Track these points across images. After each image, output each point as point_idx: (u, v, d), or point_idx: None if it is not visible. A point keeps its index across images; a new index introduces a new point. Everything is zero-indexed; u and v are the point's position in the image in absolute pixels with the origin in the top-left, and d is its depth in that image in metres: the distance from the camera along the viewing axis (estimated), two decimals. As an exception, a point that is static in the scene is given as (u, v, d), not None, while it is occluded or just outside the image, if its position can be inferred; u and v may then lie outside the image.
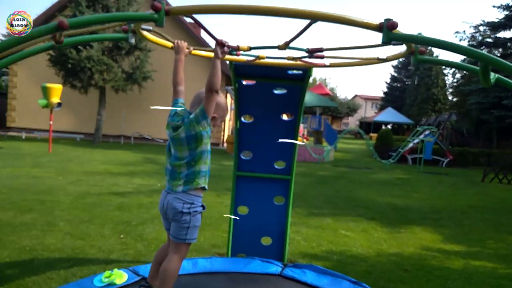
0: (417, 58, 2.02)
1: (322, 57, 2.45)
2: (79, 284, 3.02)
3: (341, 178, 11.21)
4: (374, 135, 27.02)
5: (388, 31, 1.63)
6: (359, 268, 4.21)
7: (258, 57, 2.77)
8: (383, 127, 33.39)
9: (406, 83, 42.38)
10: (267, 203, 3.98)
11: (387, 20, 1.63)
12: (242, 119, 3.86)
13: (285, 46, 2.20)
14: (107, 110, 17.02)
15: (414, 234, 5.70)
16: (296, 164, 4.07)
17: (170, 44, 2.50)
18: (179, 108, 2.28)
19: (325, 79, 54.24)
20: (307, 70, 3.18)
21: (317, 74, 57.38)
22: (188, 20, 17.25)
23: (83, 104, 17.57)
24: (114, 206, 6.12)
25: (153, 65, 16.71)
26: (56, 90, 12.28)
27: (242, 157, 3.95)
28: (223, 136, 19.16)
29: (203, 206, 2.21)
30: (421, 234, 5.75)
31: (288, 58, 2.73)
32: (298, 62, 2.77)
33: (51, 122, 12.94)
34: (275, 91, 3.60)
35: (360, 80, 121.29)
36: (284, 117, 3.85)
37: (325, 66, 2.78)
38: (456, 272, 4.34)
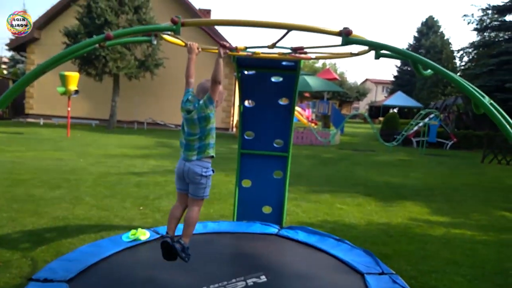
0: (378, 54, 2.56)
1: (304, 53, 3.00)
2: (110, 239, 3.69)
3: (344, 159, 11.76)
4: (382, 119, 27.31)
5: (345, 36, 2.17)
6: (349, 234, 4.79)
7: (254, 53, 3.34)
8: (391, 111, 33.53)
9: (416, 66, 42.17)
10: (267, 176, 4.57)
11: (345, 28, 2.18)
12: (245, 103, 4.44)
13: (273, 46, 2.76)
14: (121, 96, 17.75)
15: (404, 208, 6.27)
16: (303, 147, 4.66)
17: (183, 43, 3.08)
18: (190, 96, 2.86)
19: (335, 64, 54.04)
20: (297, 62, 3.73)
21: (326, 59, 57.22)
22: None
23: (98, 91, 18.32)
24: (133, 184, 6.80)
25: (164, 52, 17.29)
26: (74, 78, 12.97)
27: (246, 137, 4.54)
28: (233, 121, 19.77)
29: (213, 170, 2.84)
30: (411, 208, 6.31)
31: (279, 54, 3.30)
32: (288, 56, 3.33)
33: (69, 109, 13.67)
34: (272, 79, 4.16)
35: (371, 65, 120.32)
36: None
37: (311, 58, 3.33)
38: (436, 238, 4.92)
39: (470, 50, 21.75)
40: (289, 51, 3.02)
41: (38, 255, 3.74)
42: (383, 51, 2.56)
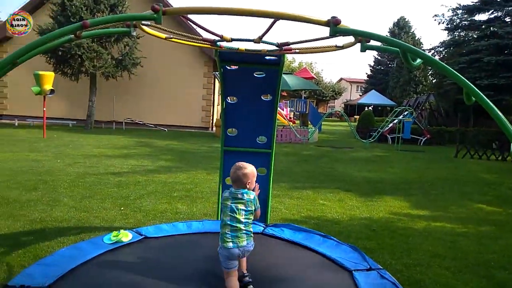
0: (364, 46, 2.54)
1: (290, 49, 2.97)
2: (91, 241, 3.55)
3: (323, 156, 11.85)
4: (358, 117, 27.74)
5: (334, 25, 2.14)
6: (332, 229, 4.81)
7: (238, 49, 3.28)
8: (366, 109, 34.16)
9: (389, 65, 43.12)
10: (251, 174, 4.51)
11: (333, 17, 2.15)
12: (228, 99, 4.38)
13: (259, 40, 2.71)
14: (98, 96, 17.37)
15: (384, 202, 6.34)
16: (282, 145, 4.62)
17: (164, 35, 2.99)
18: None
19: (311, 63, 54.53)
20: (281, 56, 3.70)
21: (302, 58, 57.80)
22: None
23: (75, 91, 17.87)
24: (113, 184, 6.63)
25: (142, 51, 17.01)
26: (48, 77, 12.60)
27: (228, 134, 4.48)
28: (212, 120, 19.64)
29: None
30: (391, 202, 6.40)
31: (263, 52, 3.26)
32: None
33: (44, 109, 13.26)
34: (255, 74, 4.12)
35: (346, 64, 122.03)
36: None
37: (295, 52, 3.31)
38: (417, 231, 4.99)
39: (441, 49, 22.30)
40: (274, 47, 2.98)
41: (15, 260, 3.57)
42: (369, 43, 2.54)
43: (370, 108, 35.25)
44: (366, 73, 48.64)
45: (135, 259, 3.33)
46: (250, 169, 2.84)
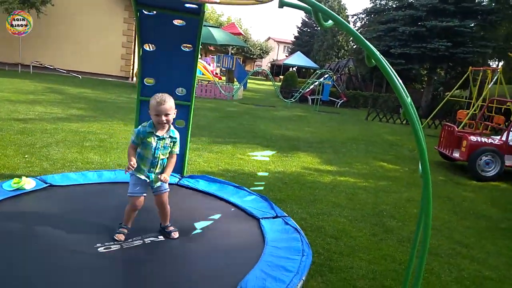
0: (281, 2, 2.57)
1: (212, -2, 2.89)
2: (-12, 188, 3.31)
3: (246, 114, 12.01)
4: (283, 77, 28.26)
5: (251, -23, 2.14)
6: (247, 181, 5.00)
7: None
8: (290, 70, 34.85)
9: (316, 28, 43.94)
10: (168, 125, 4.45)
11: (251, -31, 2.14)
12: (145, 47, 4.19)
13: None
14: (1, 35, 15.47)
15: (298, 158, 6.70)
16: (206, 100, 4.57)
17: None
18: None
19: (240, 20, 53.51)
20: (201, 5, 3.60)
21: (231, 13, 56.52)
22: None
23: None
24: (16, 131, 6.12)
25: (52, -13, 15.35)
26: None
27: (146, 83, 4.33)
28: (133, 69, 18.67)
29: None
30: (304, 158, 6.78)
31: None
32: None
33: None
34: (175, 22, 3.97)
35: (274, 23, 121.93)
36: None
37: (215, 2, 3.23)
38: (324, 184, 5.39)
39: (363, 16, 23.17)
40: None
41: None
42: (286, 0, 2.57)
43: (294, 69, 36.00)
44: (294, 34, 49.21)
45: (37, 208, 3.18)
46: (151, 101, 2.81)
